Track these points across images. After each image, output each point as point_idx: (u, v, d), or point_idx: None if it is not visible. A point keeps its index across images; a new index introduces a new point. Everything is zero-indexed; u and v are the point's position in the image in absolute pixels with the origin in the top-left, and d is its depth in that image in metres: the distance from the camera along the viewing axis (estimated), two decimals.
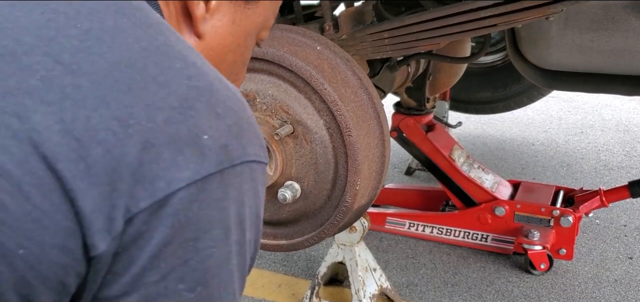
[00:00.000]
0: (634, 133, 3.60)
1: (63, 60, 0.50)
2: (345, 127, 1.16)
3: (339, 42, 1.43)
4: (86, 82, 0.50)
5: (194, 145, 0.51)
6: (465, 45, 2.18)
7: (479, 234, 2.30)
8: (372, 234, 2.46)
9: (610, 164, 3.16)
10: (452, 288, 2.11)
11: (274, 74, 1.19)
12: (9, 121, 0.48)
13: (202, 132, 0.52)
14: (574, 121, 3.86)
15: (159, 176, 0.50)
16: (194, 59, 0.56)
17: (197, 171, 0.51)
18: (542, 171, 3.11)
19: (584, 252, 2.30)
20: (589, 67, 1.67)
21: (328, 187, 1.22)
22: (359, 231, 1.85)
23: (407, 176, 3.09)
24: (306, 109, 1.18)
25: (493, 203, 2.25)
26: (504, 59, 3.13)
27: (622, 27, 1.48)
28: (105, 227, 0.49)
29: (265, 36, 0.76)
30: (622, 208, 2.62)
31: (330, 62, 1.23)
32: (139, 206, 0.49)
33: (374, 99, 1.27)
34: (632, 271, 2.17)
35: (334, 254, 1.93)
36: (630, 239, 2.39)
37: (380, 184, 1.34)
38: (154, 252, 0.51)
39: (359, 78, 1.26)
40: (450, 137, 2.47)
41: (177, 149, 0.51)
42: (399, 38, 1.39)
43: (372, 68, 1.76)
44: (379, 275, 1.93)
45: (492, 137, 3.64)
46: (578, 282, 2.12)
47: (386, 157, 1.31)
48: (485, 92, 3.20)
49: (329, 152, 1.19)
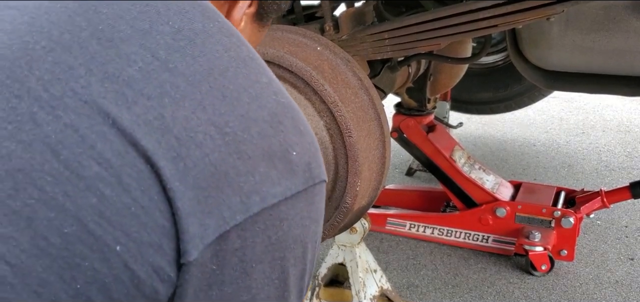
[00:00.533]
0: (636, 134, 3.60)
1: (159, 55, 0.49)
2: (345, 128, 1.15)
3: (339, 43, 1.43)
4: (183, 82, 0.49)
5: (285, 161, 0.51)
6: (466, 45, 2.17)
7: (480, 235, 2.29)
8: (373, 235, 2.45)
9: (611, 165, 3.15)
10: (453, 289, 2.10)
11: (274, 74, 1.19)
12: (108, 108, 0.46)
13: (291, 148, 0.52)
14: (575, 122, 3.86)
15: (254, 190, 0.49)
16: (272, 75, 0.57)
17: (288, 187, 0.51)
18: (543, 172, 3.10)
19: (585, 254, 2.30)
20: (590, 67, 1.67)
21: (328, 188, 1.22)
22: (359, 232, 1.85)
23: (407, 177, 3.09)
24: (306, 110, 1.17)
25: (494, 204, 2.24)
26: (505, 59, 3.12)
27: (623, 27, 1.47)
28: (199, 234, 0.47)
29: None
30: (624, 209, 2.61)
31: (331, 62, 1.23)
32: (235, 219, 0.48)
33: (375, 100, 1.27)
34: (634, 272, 2.17)
35: (334, 255, 1.93)
36: (631, 240, 2.39)
37: (380, 185, 1.34)
38: (246, 270, 0.50)
39: (359, 79, 1.25)
40: (451, 138, 2.46)
41: (271, 163, 0.50)
42: (399, 38, 1.38)
43: (372, 69, 1.75)
44: (380, 276, 1.93)
45: (493, 137, 3.63)
46: (579, 284, 2.11)
47: (387, 158, 1.31)
48: (486, 93, 3.20)
49: (329, 153, 1.19)
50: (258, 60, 0.57)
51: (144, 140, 0.46)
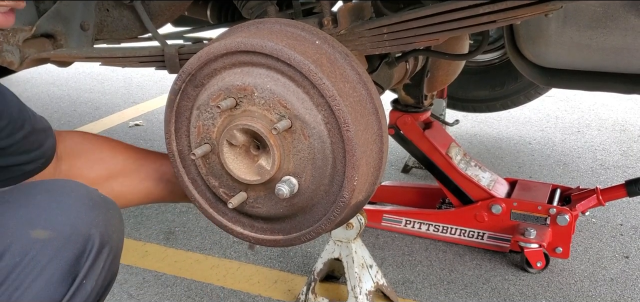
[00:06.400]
0: (631, 132, 3.61)
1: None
2: (343, 122, 1.15)
3: (338, 37, 1.43)
4: None
5: None
6: (463, 42, 2.17)
7: (476, 231, 2.30)
8: (369, 231, 2.46)
9: (607, 163, 3.16)
10: (448, 285, 2.11)
11: (272, 68, 1.18)
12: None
13: None
14: (570, 120, 3.87)
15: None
16: None
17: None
18: (539, 170, 3.11)
19: (580, 251, 2.30)
20: (588, 65, 1.67)
21: (326, 182, 1.22)
22: (355, 228, 1.85)
23: (403, 174, 3.09)
24: (304, 104, 1.17)
25: (490, 201, 2.25)
26: (501, 57, 3.13)
27: (620, 25, 1.48)
28: None
29: None
30: (619, 207, 2.62)
31: (329, 56, 1.23)
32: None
33: (373, 94, 1.27)
34: (628, 270, 2.18)
35: (331, 250, 1.93)
36: (626, 238, 2.40)
37: (377, 180, 1.33)
38: None
39: (357, 73, 1.25)
40: (448, 135, 2.47)
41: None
42: (397, 34, 1.38)
43: (370, 64, 1.75)
44: (375, 272, 1.93)
45: (489, 135, 3.64)
46: (574, 281, 2.12)
47: (384, 154, 1.30)
48: (482, 91, 3.21)
49: (327, 148, 1.18)
50: None
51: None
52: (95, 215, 1.05)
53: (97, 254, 1.02)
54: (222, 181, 1.29)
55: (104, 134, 3.84)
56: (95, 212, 1.06)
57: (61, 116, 4.29)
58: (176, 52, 1.65)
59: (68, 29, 1.90)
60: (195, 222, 2.60)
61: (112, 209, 1.11)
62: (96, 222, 1.04)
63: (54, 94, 4.90)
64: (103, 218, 1.06)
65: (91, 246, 1.02)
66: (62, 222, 1.00)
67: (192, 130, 1.27)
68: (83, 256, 1.01)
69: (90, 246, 1.02)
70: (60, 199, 1.04)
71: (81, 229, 1.01)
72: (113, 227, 1.09)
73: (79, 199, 1.05)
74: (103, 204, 1.09)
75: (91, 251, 1.02)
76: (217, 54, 1.21)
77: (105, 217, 1.07)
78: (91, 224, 1.03)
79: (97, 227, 1.04)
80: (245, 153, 1.24)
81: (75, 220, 1.01)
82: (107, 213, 1.08)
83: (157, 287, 2.14)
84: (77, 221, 1.01)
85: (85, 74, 5.48)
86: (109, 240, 1.06)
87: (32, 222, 0.99)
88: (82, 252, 1.01)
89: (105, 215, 1.08)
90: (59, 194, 1.05)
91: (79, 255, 1.00)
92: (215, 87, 1.22)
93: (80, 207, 1.04)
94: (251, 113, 1.19)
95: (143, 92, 4.93)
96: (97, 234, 1.03)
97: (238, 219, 1.35)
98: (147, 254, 2.37)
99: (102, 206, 1.09)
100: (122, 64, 1.81)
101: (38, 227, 0.98)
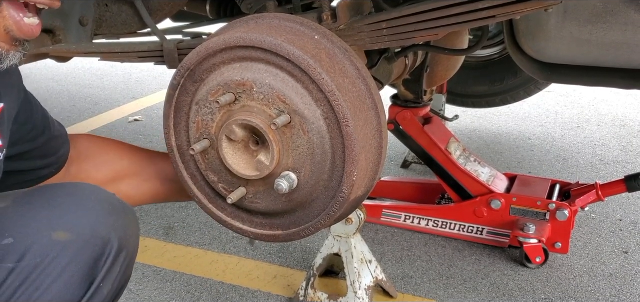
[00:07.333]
0: (630, 128, 3.61)
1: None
2: (343, 117, 1.15)
3: (337, 33, 1.42)
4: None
5: None
6: (462, 37, 2.17)
7: (475, 227, 2.30)
8: (368, 226, 2.46)
9: (606, 159, 3.16)
10: (447, 281, 2.11)
11: (272, 63, 1.18)
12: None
13: None
14: (570, 116, 3.87)
15: None
16: None
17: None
18: (539, 165, 3.11)
19: (580, 246, 2.31)
20: (587, 60, 1.67)
21: (325, 177, 1.21)
22: (355, 223, 1.85)
23: (403, 169, 3.09)
24: (304, 99, 1.17)
25: (489, 196, 2.25)
26: (501, 52, 3.13)
27: (620, 20, 1.48)
28: None
29: None
30: (618, 203, 2.62)
31: (329, 51, 1.22)
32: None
33: (372, 90, 1.26)
34: (628, 265, 2.18)
35: (330, 245, 1.93)
36: (625, 233, 2.40)
37: (377, 175, 1.33)
38: None
39: (357, 68, 1.25)
40: (447, 131, 2.47)
41: None
42: (397, 29, 1.38)
43: (370, 59, 1.75)
44: (375, 267, 1.93)
45: (489, 130, 3.64)
46: (573, 276, 2.12)
47: (383, 149, 1.30)
48: (482, 86, 3.21)
49: (326, 143, 1.18)
50: None
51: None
52: (114, 220, 1.06)
53: (115, 258, 1.03)
54: (222, 177, 1.29)
55: (103, 129, 3.84)
56: (115, 217, 1.07)
57: (61, 112, 4.29)
58: (175, 47, 1.65)
59: (67, 24, 1.89)
60: (195, 218, 2.60)
61: (130, 214, 1.12)
62: (115, 226, 1.05)
63: (53, 90, 4.89)
64: (122, 223, 1.07)
65: (110, 250, 1.03)
66: (83, 225, 1.01)
67: (191, 126, 1.27)
68: (101, 260, 1.02)
69: (109, 249, 1.03)
70: (81, 203, 1.05)
71: (101, 233, 1.02)
72: (131, 232, 1.10)
73: (99, 203, 1.06)
74: (122, 209, 1.11)
75: (110, 255, 1.03)
76: (216, 49, 1.21)
77: (124, 222, 1.08)
78: (111, 229, 1.04)
79: (116, 231, 1.05)
80: (245, 148, 1.24)
81: (95, 224, 1.02)
82: (125, 218, 1.09)
83: (156, 282, 2.14)
84: (97, 225, 1.02)
85: (84, 69, 5.48)
86: (127, 245, 1.07)
87: (54, 224, 0.99)
88: (101, 256, 1.02)
89: (124, 220, 1.09)
90: (80, 198, 1.06)
91: (97, 258, 1.01)
92: (214, 83, 1.21)
93: (100, 211, 1.05)
94: (250, 108, 1.19)
95: (142, 87, 4.93)
96: (116, 239, 1.04)
97: (237, 215, 1.35)
98: (146, 249, 2.37)
99: (121, 211, 1.10)
100: (121, 59, 1.81)
101: (59, 229, 0.99)
